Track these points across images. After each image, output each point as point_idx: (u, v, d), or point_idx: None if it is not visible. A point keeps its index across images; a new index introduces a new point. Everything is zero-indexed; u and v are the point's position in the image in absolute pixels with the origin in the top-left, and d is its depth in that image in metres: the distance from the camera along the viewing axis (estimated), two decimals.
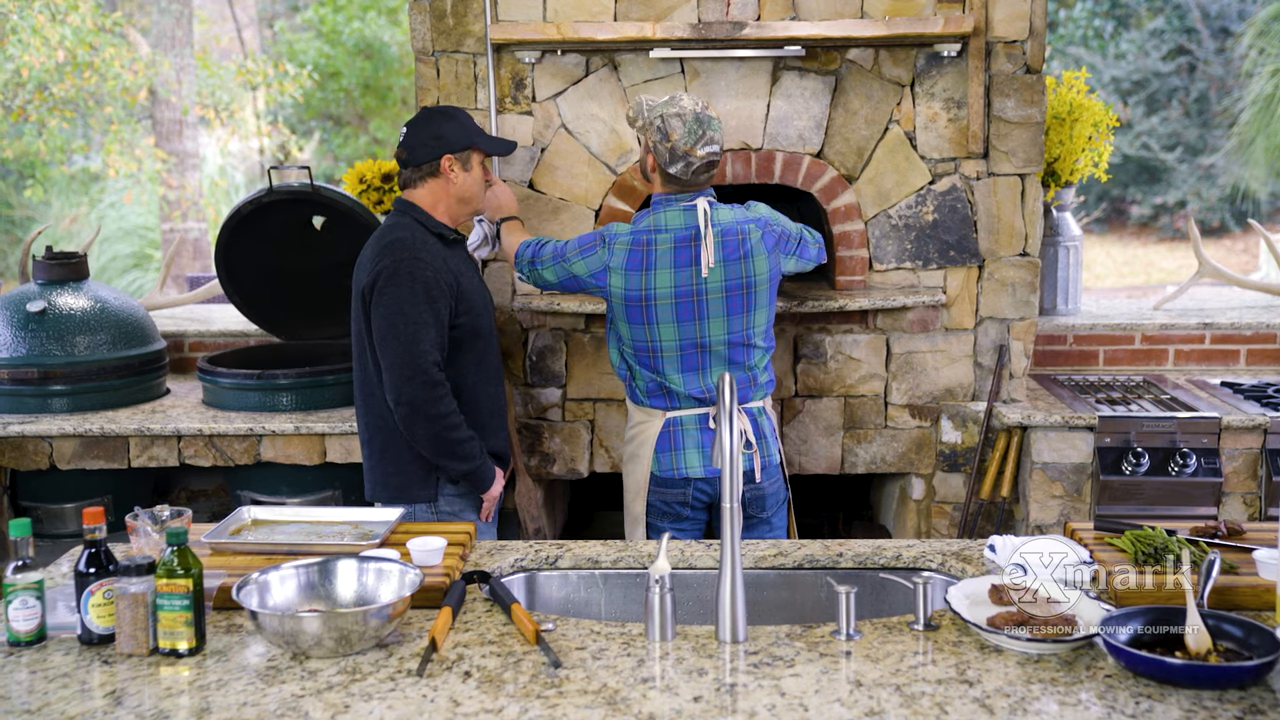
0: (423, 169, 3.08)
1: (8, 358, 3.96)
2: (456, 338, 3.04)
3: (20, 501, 4.00)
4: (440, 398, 2.94)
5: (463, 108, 3.20)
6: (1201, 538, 2.38)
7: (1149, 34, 15.51)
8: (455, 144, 3.07)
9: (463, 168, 3.09)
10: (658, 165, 3.14)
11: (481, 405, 3.13)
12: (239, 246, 4.20)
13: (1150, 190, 15.57)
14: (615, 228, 3.21)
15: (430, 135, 3.07)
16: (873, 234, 3.93)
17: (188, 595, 1.99)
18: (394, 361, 2.93)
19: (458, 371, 3.06)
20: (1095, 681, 1.87)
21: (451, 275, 3.02)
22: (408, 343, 2.91)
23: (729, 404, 2.07)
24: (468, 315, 3.05)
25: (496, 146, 3.19)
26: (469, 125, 3.12)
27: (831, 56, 3.84)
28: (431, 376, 2.93)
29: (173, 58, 11.57)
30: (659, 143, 3.10)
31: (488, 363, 3.16)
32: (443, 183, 3.09)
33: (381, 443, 3.08)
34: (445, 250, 3.07)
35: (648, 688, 1.87)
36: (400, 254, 2.96)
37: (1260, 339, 4.52)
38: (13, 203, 12.78)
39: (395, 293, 2.93)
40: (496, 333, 3.27)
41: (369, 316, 2.99)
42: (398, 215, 3.10)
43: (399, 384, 2.92)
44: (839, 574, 2.46)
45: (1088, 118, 4.26)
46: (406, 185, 3.12)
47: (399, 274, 2.94)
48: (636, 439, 3.30)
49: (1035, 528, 3.85)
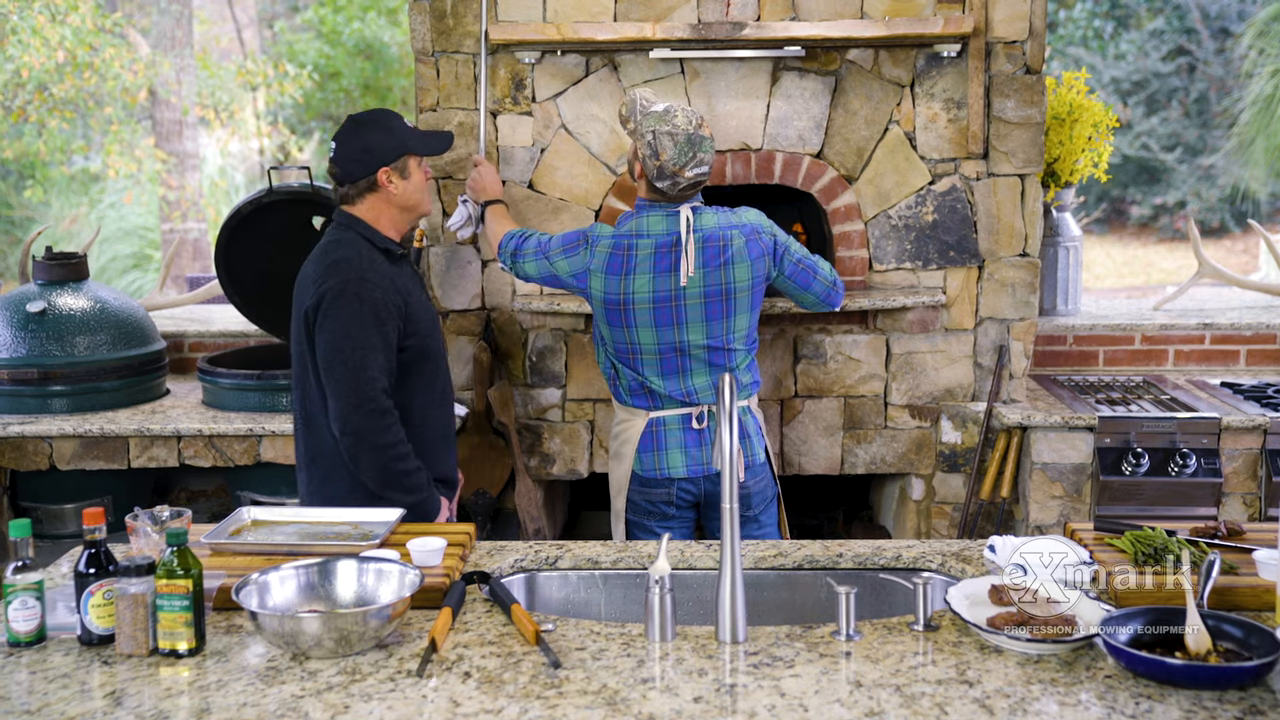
0: (359, 184, 2.89)
1: (8, 358, 3.96)
2: (405, 360, 2.88)
3: (20, 502, 4.00)
4: (388, 427, 2.77)
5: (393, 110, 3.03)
6: (1201, 538, 2.38)
7: (1149, 34, 15.51)
8: (388, 154, 2.88)
9: (400, 176, 2.90)
10: (644, 174, 3.13)
11: (430, 428, 2.97)
12: (239, 247, 4.20)
13: (1150, 191, 15.57)
14: (599, 229, 3.20)
15: (360, 149, 2.88)
16: (872, 234, 3.93)
17: (187, 596, 1.99)
18: (340, 389, 2.75)
19: (406, 395, 2.90)
20: (1095, 682, 1.87)
21: (400, 295, 2.85)
22: (355, 369, 2.74)
23: (729, 404, 2.07)
24: (416, 336, 2.89)
25: (431, 146, 2.99)
26: (400, 130, 2.91)
27: (831, 57, 3.84)
28: (379, 404, 2.75)
29: (173, 58, 11.57)
30: (648, 157, 3.08)
31: (437, 385, 3.00)
32: (382, 195, 2.90)
33: (323, 469, 2.91)
34: (392, 268, 2.89)
35: (648, 688, 1.87)
36: (346, 274, 2.78)
37: (1260, 339, 4.52)
38: (13, 203, 12.78)
39: (341, 316, 2.75)
40: (445, 352, 3.11)
41: (312, 339, 2.82)
42: (340, 230, 2.91)
43: (345, 412, 2.75)
44: (839, 574, 2.46)
45: (1087, 118, 4.26)
46: (344, 200, 2.93)
47: (345, 295, 2.76)
48: (620, 437, 3.31)
49: (1035, 528, 3.85)
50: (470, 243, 3.93)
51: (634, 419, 3.26)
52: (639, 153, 3.12)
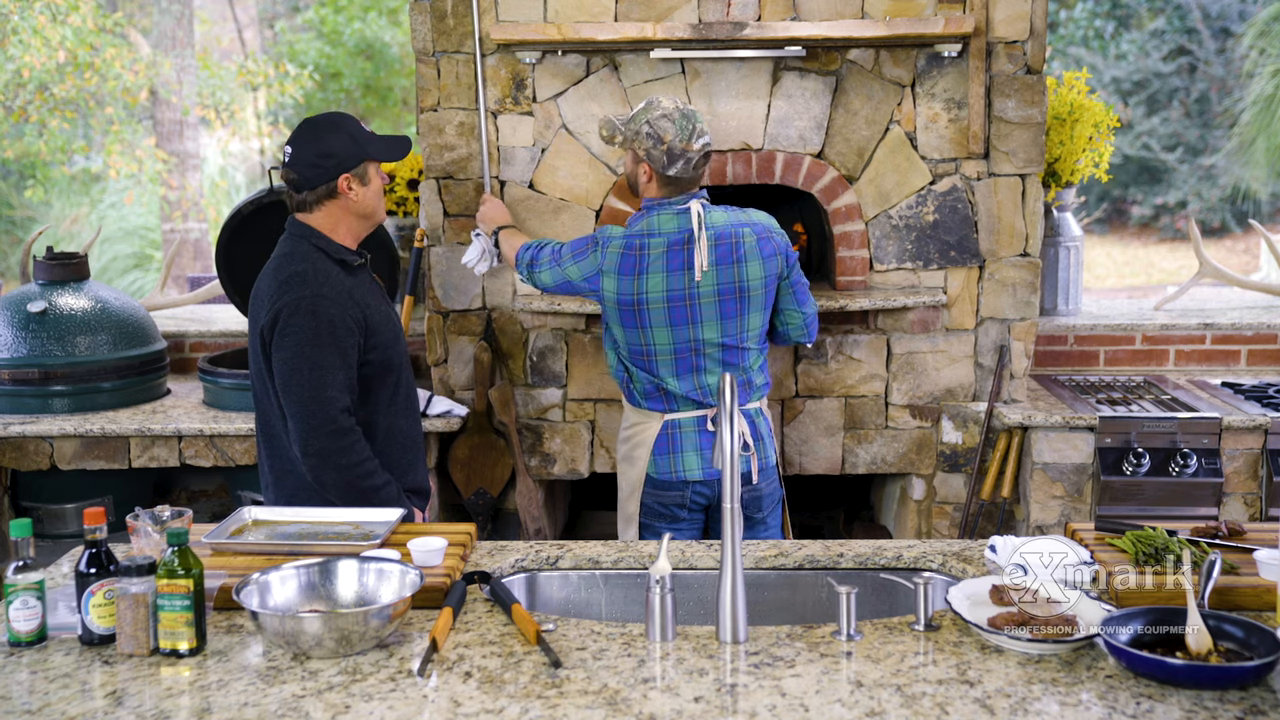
0: (317, 190, 2.76)
1: (8, 358, 3.96)
2: (367, 375, 2.78)
3: (21, 502, 4.00)
4: (349, 446, 2.68)
5: (345, 112, 2.96)
6: (1202, 538, 2.38)
7: (1149, 34, 15.51)
8: (349, 160, 2.76)
9: (360, 183, 2.78)
10: (654, 172, 3.12)
11: (396, 442, 2.88)
12: (239, 247, 4.20)
13: (1151, 190, 15.57)
14: (609, 230, 3.19)
15: (319, 154, 2.75)
16: (873, 234, 3.93)
17: (188, 595, 1.99)
18: (299, 410, 2.66)
19: (370, 410, 2.81)
20: (1096, 682, 1.87)
21: (358, 309, 2.74)
22: (313, 389, 2.64)
23: (729, 405, 2.07)
24: (377, 350, 2.78)
25: (391, 152, 2.85)
26: (359, 134, 2.80)
27: (832, 57, 3.84)
28: (340, 424, 2.66)
29: (173, 58, 11.58)
30: (652, 148, 3.08)
31: (400, 396, 2.90)
32: (341, 203, 2.78)
33: (289, 488, 2.83)
34: (350, 280, 2.77)
35: (648, 688, 1.87)
36: (301, 290, 2.67)
37: (1261, 339, 4.52)
38: (13, 203, 12.78)
39: (297, 334, 2.65)
40: (409, 362, 3.00)
41: (269, 357, 2.71)
42: (294, 241, 2.79)
43: (305, 434, 2.66)
44: (839, 574, 2.46)
45: (1088, 118, 4.26)
46: (300, 208, 2.80)
47: (300, 312, 2.65)
48: (632, 440, 3.29)
49: (1036, 528, 3.85)
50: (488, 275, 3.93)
51: (648, 422, 3.25)
52: (639, 153, 3.11)
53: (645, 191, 3.19)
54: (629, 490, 3.32)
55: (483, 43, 3.83)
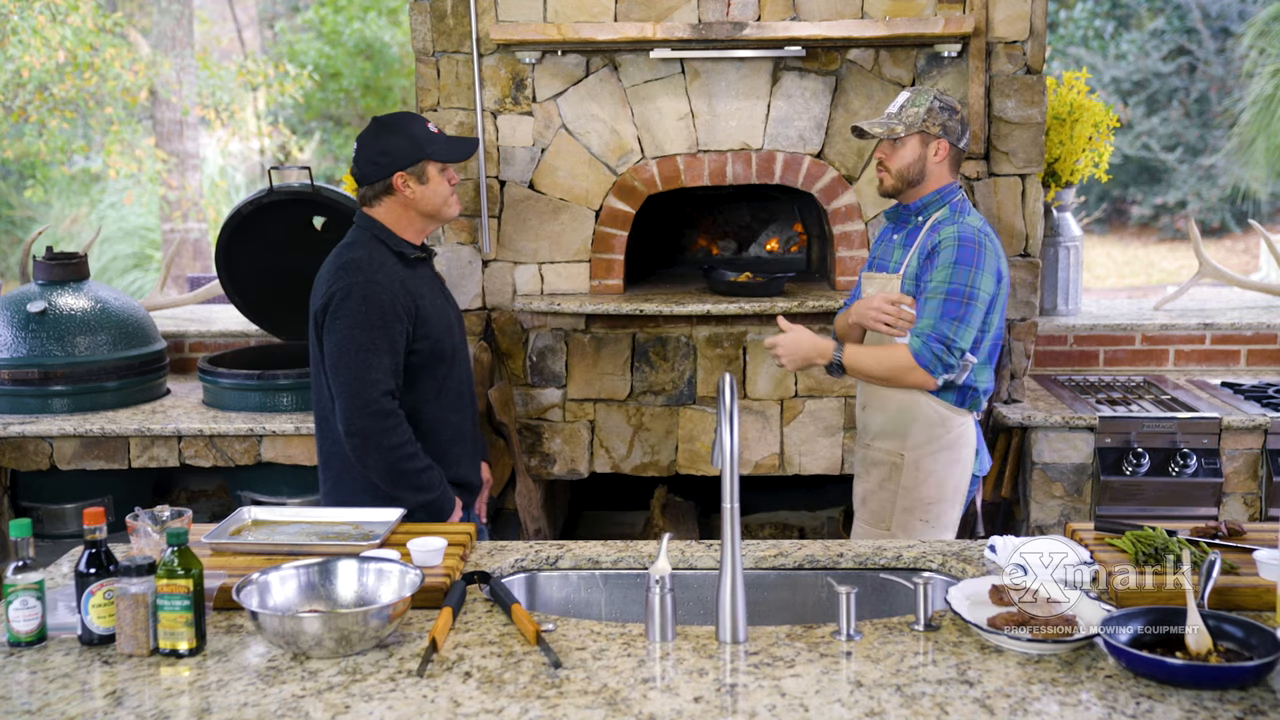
0: (375, 187, 2.89)
1: (8, 358, 3.96)
2: (415, 363, 2.87)
3: (20, 502, 4.00)
4: (392, 428, 2.77)
5: (415, 113, 3.02)
6: (1202, 538, 2.37)
7: (1149, 34, 15.51)
8: (404, 159, 2.87)
9: (418, 181, 2.89)
10: (951, 147, 3.00)
11: (443, 434, 2.96)
12: (239, 247, 4.20)
13: (1151, 191, 15.57)
14: (970, 221, 2.98)
15: (377, 152, 2.88)
16: (873, 234, 3.93)
17: (188, 595, 1.99)
18: (345, 390, 2.76)
19: (416, 398, 2.89)
20: (1096, 682, 1.87)
21: (410, 298, 2.84)
22: (359, 371, 2.75)
23: (730, 404, 2.07)
24: (427, 340, 2.87)
25: (450, 154, 2.93)
26: (419, 135, 2.89)
27: (832, 57, 3.84)
28: (382, 407, 2.76)
29: (173, 58, 11.58)
30: (948, 120, 2.98)
31: (450, 389, 2.97)
32: (399, 199, 2.89)
33: (337, 468, 2.93)
34: (405, 271, 2.89)
35: (648, 688, 1.87)
36: (354, 276, 2.80)
37: (1260, 339, 4.52)
38: (13, 203, 12.78)
39: (347, 318, 2.77)
40: (466, 358, 3.07)
41: (323, 340, 2.84)
42: (357, 232, 2.94)
43: (349, 415, 2.76)
44: (839, 574, 2.46)
45: (1088, 118, 4.26)
46: (364, 202, 2.94)
47: (351, 297, 2.77)
48: (958, 442, 3.04)
49: (1036, 528, 3.85)
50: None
51: (966, 420, 3.06)
52: (932, 131, 2.97)
53: (935, 177, 3.03)
54: (954, 492, 3.09)
55: (482, 43, 3.83)
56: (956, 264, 2.91)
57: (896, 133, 3.01)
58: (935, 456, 3.04)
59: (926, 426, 3.03)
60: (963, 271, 2.91)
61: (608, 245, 3.97)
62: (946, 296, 2.91)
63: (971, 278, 2.91)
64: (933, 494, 3.06)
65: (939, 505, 3.06)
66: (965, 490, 3.10)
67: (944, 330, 2.91)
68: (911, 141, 3.01)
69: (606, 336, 4.00)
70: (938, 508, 3.06)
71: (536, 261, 3.97)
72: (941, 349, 2.91)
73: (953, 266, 2.91)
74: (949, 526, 3.09)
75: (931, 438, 3.04)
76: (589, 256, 3.98)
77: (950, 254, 2.92)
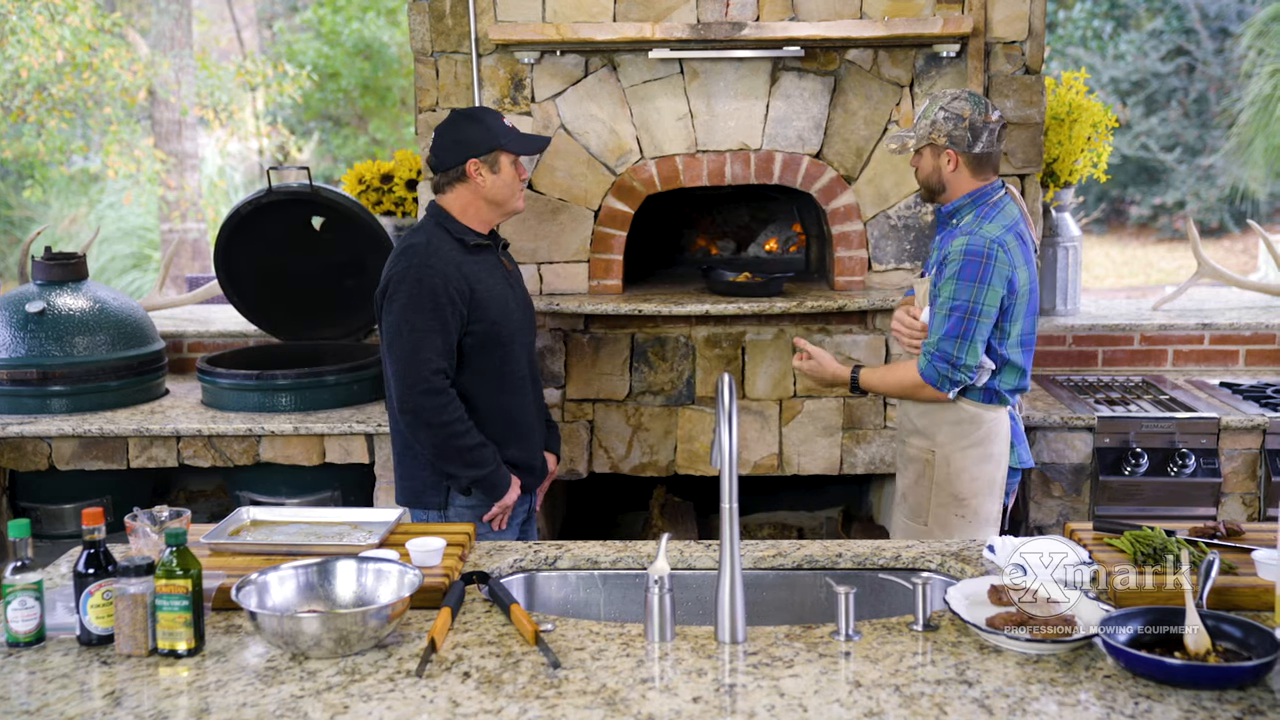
0: (449, 174, 3.03)
1: (7, 358, 3.96)
2: (469, 346, 2.99)
3: (19, 502, 4.00)
4: (442, 406, 2.91)
5: (493, 108, 3.12)
6: (1201, 538, 2.38)
7: (1148, 35, 15.52)
8: (479, 147, 3.00)
9: (490, 170, 3.02)
10: (959, 155, 2.98)
11: (499, 416, 3.06)
12: (238, 247, 4.20)
13: (1149, 191, 15.58)
14: (986, 233, 2.93)
15: (453, 139, 3.03)
16: (871, 234, 3.93)
17: (187, 596, 1.99)
18: (397, 369, 2.92)
19: (471, 380, 3.01)
20: (1094, 682, 1.87)
21: (465, 282, 2.96)
22: (411, 350, 2.90)
23: (729, 404, 2.07)
24: (482, 324, 2.99)
25: (525, 146, 3.09)
26: (495, 127, 3.04)
27: (830, 57, 3.84)
28: (432, 385, 2.90)
29: (172, 58, 11.57)
30: (954, 129, 2.96)
31: (509, 373, 3.09)
32: (470, 187, 3.03)
33: (400, 446, 3.08)
34: (464, 256, 3.01)
35: (647, 688, 1.87)
36: (410, 260, 2.95)
37: (1259, 339, 4.52)
38: (12, 203, 12.78)
39: (402, 299, 2.92)
40: (531, 344, 3.19)
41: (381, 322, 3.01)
42: (425, 218, 3.09)
43: (401, 393, 2.91)
44: (838, 574, 2.46)
45: (1087, 118, 4.26)
46: (437, 190, 3.08)
47: (406, 280, 2.92)
48: (989, 438, 3.05)
49: (1035, 528, 3.85)
50: None
51: (999, 416, 3.06)
52: (940, 142, 2.98)
53: (956, 184, 3.03)
54: (988, 487, 3.08)
55: (481, 43, 3.83)
56: (960, 280, 2.92)
57: (909, 146, 3.06)
58: (966, 453, 3.05)
59: (956, 424, 3.05)
60: (966, 288, 2.92)
61: (606, 245, 3.97)
62: (950, 314, 2.94)
63: (974, 293, 2.91)
64: (965, 489, 3.06)
65: (974, 500, 3.07)
66: (1001, 484, 3.10)
67: (947, 349, 2.95)
68: (925, 153, 3.05)
69: (605, 337, 4.00)
70: (973, 503, 3.07)
71: (535, 261, 3.97)
72: (946, 367, 2.95)
73: (956, 282, 2.93)
74: (987, 521, 3.09)
75: (961, 434, 3.05)
76: (588, 256, 3.98)
77: (955, 268, 2.94)
